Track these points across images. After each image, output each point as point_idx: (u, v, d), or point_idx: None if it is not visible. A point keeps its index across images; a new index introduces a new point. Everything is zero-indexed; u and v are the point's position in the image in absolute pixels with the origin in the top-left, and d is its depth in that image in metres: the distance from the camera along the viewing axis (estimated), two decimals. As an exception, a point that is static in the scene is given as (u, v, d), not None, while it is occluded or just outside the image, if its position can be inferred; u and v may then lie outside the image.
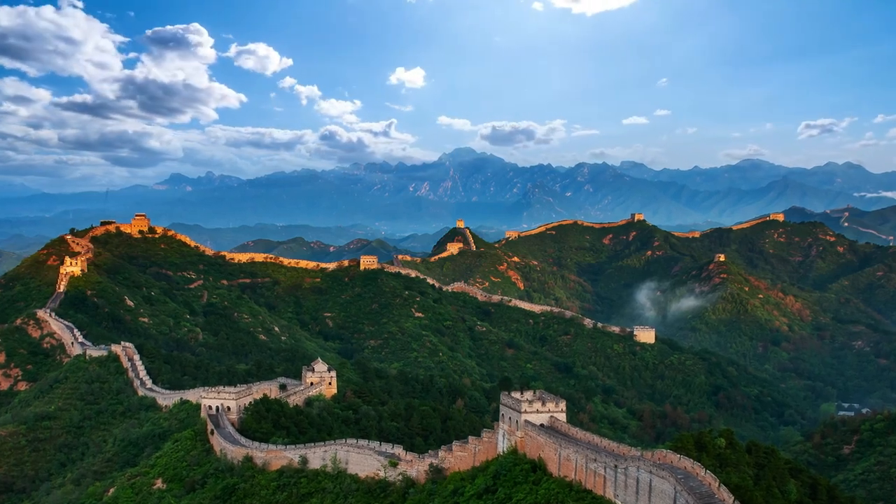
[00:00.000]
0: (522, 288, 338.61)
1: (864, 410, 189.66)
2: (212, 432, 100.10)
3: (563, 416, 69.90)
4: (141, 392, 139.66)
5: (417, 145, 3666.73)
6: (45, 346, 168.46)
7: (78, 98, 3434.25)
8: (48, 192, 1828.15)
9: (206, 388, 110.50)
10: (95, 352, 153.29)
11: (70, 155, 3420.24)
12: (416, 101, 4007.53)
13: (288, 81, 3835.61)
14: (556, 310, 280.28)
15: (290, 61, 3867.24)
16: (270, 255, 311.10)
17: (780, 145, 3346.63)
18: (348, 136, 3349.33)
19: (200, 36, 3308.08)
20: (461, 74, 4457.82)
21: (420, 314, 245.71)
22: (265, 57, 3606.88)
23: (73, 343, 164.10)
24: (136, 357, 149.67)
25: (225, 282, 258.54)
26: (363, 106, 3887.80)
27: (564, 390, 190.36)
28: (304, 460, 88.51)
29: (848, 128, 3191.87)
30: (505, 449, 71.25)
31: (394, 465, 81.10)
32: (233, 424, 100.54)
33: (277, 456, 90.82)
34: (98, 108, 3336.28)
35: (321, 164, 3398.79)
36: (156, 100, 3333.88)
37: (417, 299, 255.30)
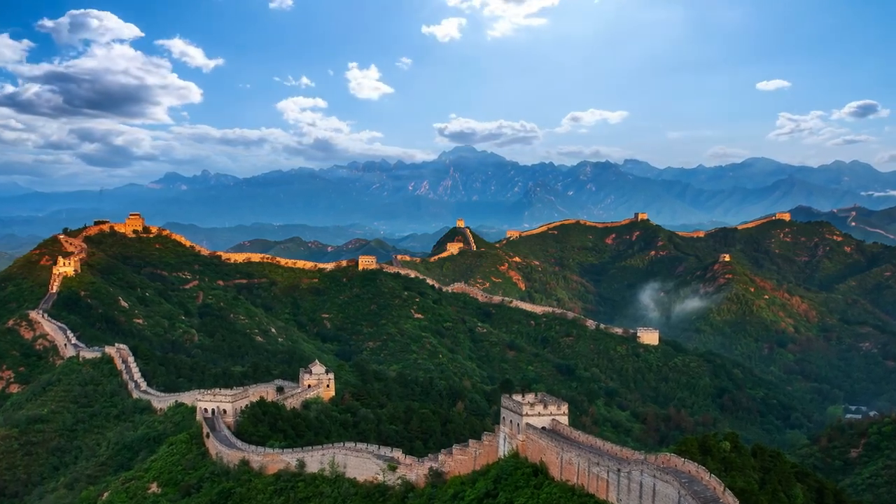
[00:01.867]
0: (524, 288, 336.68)
1: (871, 413, 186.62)
2: (207, 435, 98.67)
3: (565, 419, 69.12)
4: (135, 395, 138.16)
5: (387, 142, 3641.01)
6: (37, 347, 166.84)
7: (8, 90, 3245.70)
8: (40, 191, 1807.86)
9: (202, 390, 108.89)
10: (89, 353, 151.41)
11: (43, 155, 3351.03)
12: (371, 99, 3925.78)
13: (228, 80, 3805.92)
14: (557, 311, 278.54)
15: (220, 60, 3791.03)
16: (267, 256, 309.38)
17: (763, 141, 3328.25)
18: (315, 134, 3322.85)
19: (111, 21, 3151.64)
20: (410, 73, 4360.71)
21: (419, 315, 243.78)
22: (187, 54, 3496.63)
23: (66, 345, 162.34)
24: (131, 359, 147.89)
25: (221, 282, 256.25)
26: (320, 103, 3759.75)
27: (566, 393, 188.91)
28: (302, 464, 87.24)
29: (839, 120, 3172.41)
30: (506, 452, 70.28)
31: (393, 468, 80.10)
32: (229, 427, 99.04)
33: (274, 460, 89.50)
34: (26, 105, 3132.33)
35: (292, 163, 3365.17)
36: (103, 95, 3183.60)
37: (417, 300, 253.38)
